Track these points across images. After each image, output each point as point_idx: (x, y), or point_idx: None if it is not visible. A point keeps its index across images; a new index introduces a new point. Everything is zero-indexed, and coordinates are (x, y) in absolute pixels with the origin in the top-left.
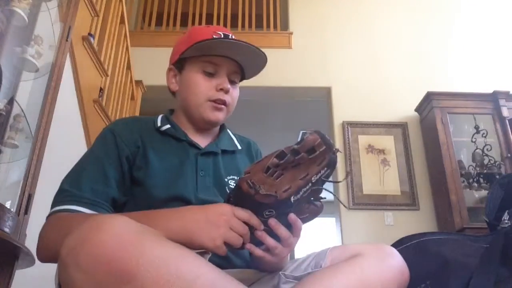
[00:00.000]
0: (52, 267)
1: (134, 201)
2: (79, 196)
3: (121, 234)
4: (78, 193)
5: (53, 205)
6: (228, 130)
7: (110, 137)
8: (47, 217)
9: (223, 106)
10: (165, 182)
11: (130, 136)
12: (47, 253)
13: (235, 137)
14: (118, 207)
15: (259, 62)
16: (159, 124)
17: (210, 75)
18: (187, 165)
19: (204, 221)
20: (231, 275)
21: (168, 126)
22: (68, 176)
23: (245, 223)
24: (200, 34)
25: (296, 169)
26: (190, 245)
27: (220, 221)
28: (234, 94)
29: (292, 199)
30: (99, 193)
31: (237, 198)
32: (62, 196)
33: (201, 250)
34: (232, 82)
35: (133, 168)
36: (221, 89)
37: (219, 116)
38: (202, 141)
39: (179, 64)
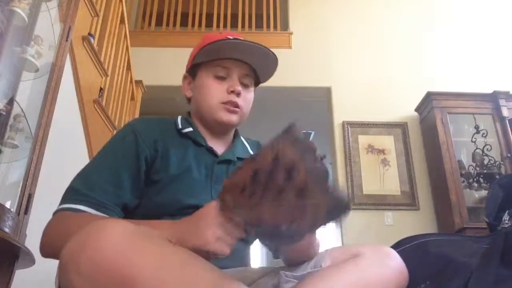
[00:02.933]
0: (52, 267)
1: (146, 204)
2: (89, 196)
3: (121, 239)
4: (88, 193)
5: (61, 202)
6: (241, 137)
7: (130, 136)
8: (54, 213)
9: (236, 109)
10: (181, 189)
11: (151, 137)
12: (50, 250)
13: (247, 142)
14: (129, 210)
15: (270, 63)
16: (180, 126)
17: (222, 78)
18: (203, 172)
19: (193, 221)
20: (231, 275)
21: (190, 129)
22: (81, 173)
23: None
24: (209, 39)
25: (280, 195)
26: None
27: (208, 217)
28: (247, 97)
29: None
30: (110, 195)
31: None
32: (71, 194)
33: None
34: (245, 86)
35: (152, 170)
36: (232, 92)
37: (232, 118)
38: (218, 148)
39: (192, 71)
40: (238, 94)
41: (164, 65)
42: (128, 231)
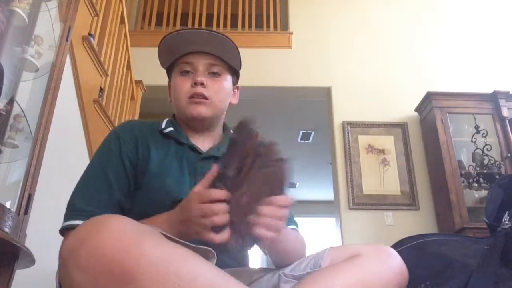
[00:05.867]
0: (52, 267)
1: (134, 208)
2: (87, 211)
3: (121, 234)
4: (85, 208)
5: (64, 219)
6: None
7: (114, 141)
8: (61, 232)
9: (201, 99)
10: (165, 187)
11: (132, 139)
12: None
13: None
14: (123, 213)
15: (229, 47)
16: (163, 126)
17: (188, 73)
18: (185, 170)
19: (179, 222)
20: (230, 274)
21: (171, 128)
22: (78, 188)
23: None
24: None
25: None
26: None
27: (191, 216)
28: (215, 86)
29: None
30: (105, 203)
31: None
32: (72, 210)
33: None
34: (215, 74)
35: (137, 171)
36: (195, 83)
37: (200, 110)
38: (203, 145)
39: (169, 78)
40: (202, 84)
41: None
42: (127, 226)
